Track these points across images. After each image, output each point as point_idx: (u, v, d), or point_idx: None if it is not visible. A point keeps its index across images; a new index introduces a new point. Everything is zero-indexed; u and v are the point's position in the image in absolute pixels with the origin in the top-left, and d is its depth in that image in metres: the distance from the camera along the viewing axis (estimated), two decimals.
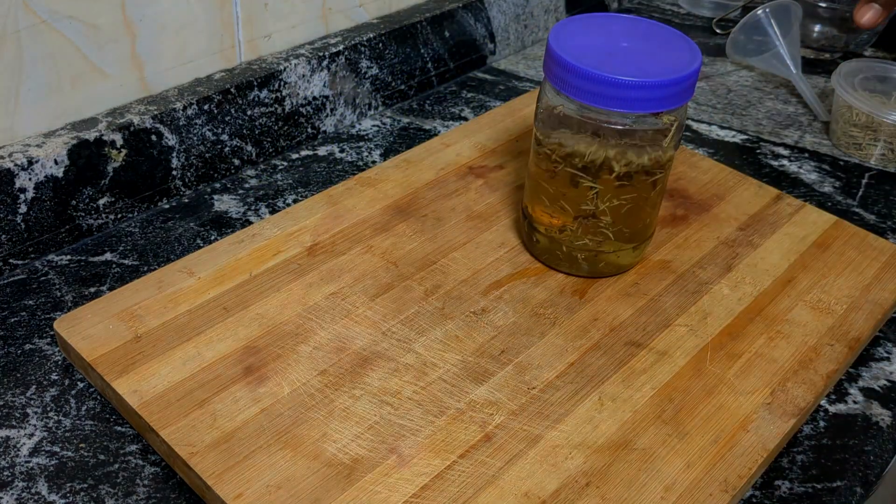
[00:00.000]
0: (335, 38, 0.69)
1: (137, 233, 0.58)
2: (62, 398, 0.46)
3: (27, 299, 0.52)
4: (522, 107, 0.71)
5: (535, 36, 0.87)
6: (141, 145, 0.58)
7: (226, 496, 0.39)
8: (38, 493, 0.41)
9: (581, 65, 0.46)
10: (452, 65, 0.79)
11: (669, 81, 0.46)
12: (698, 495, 0.41)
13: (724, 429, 0.45)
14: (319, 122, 0.69)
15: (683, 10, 0.97)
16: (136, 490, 0.42)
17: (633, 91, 0.45)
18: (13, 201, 0.53)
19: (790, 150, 0.72)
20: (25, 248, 0.54)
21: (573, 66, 0.46)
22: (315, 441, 0.42)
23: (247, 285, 0.51)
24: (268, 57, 0.66)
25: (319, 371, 0.46)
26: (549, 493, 0.41)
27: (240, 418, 0.43)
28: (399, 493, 0.40)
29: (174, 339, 0.47)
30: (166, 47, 0.59)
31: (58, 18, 0.53)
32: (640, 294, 0.52)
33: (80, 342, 0.46)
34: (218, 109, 0.62)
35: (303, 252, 0.54)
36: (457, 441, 0.43)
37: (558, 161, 0.50)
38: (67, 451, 0.44)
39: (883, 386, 0.51)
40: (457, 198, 0.59)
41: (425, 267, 0.53)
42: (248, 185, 0.64)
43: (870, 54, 0.89)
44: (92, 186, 0.56)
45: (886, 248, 0.57)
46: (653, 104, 0.46)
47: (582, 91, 0.46)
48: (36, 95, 0.54)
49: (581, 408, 0.45)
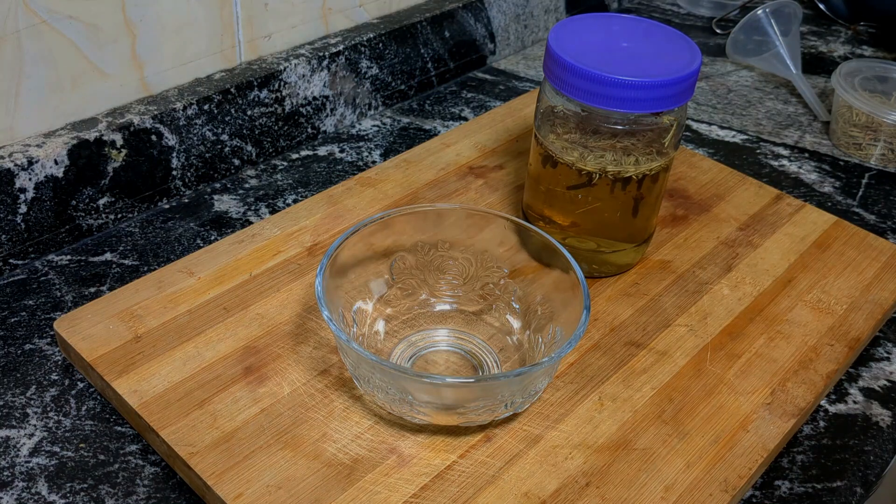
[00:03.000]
0: (335, 38, 0.69)
1: (137, 233, 0.58)
2: (62, 398, 0.46)
3: (27, 299, 0.52)
4: (522, 107, 0.71)
5: (535, 36, 0.87)
6: (141, 145, 0.58)
7: (226, 496, 0.39)
8: (38, 493, 0.41)
9: (581, 65, 0.46)
10: (452, 65, 0.79)
11: (669, 81, 0.46)
12: (698, 495, 0.41)
13: (724, 429, 0.45)
14: (319, 122, 0.69)
15: (683, 10, 0.97)
16: (136, 490, 0.42)
17: (633, 91, 0.45)
18: (13, 201, 0.53)
19: (790, 150, 0.72)
20: (25, 248, 0.54)
21: (573, 65, 0.46)
22: (315, 441, 0.42)
23: (247, 285, 0.51)
24: (268, 57, 0.66)
25: (319, 371, 0.46)
26: (549, 493, 0.41)
27: (240, 418, 0.43)
28: (399, 493, 0.40)
29: (174, 339, 0.47)
30: (166, 47, 0.59)
31: (58, 18, 0.53)
32: (640, 294, 0.52)
33: (80, 342, 0.46)
34: (218, 109, 0.62)
35: (303, 252, 0.54)
36: (457, 441, 0.43)
37: (557, 161, 0.50)
38: (67, 451, 0.44)
39: (883, 386, 0.51)
40: (457, 198, 0.59)
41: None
42: (248, 185, 0.64)
43: (870, 54, 0.89)
44: (92, 186, 0.56)
45: (886, 248, 0.57)
46: (653, 104, 0.46)
47: (582, 91, 0.46)
48: (36, 95, 0.54)
49: (581, 408, 0.45)
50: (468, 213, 0.49)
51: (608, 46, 0.48)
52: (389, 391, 0.41)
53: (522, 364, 0.44)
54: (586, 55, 0.47)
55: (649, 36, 0.50)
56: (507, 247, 0.48)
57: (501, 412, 0.42)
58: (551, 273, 0.47)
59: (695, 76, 0.47)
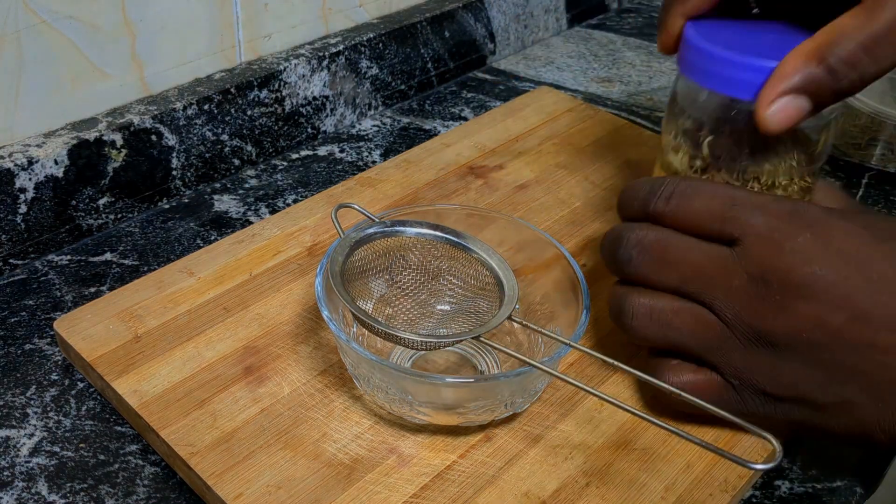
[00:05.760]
0: (335, 38, 0.69)
1: (137, 233, 0.58)
2: (62, 398, 0.46)
3: (27, 299, 0.52)
4: (522, 107, 0.71)
5: (535, 36, 0.87)
6: (141, 145, 0.58)
7: (226, 496, 0.39)
8: (38, 493, 0.41)
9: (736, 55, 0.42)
10: (452, 65, 0.79)
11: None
12: (698, 495, 0.41)
13: (725, 428, 0.44)
14: (319, 122, 0.69)
15: None
16: (136, 490, 0.42)
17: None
18: (13, 201, 0.53)
19: None
20: (25, 248, 0.54)
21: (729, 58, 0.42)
22: (315, 441, 0.42)
23: (247, 285, 0.51)
24: (268, 57, 0.66)
25: (319, 371, 0.46)
26: (549, 493, 0.41)
27: (240, 418, 0.43)
28: (399, 493, 0.40)
29: (174, 339, 0.47)
30: (166, 47, 0.59)
31: (58, 18, 0.53)
32: None
33: (80, 342, 0.46)
34: (218, 109, 0.62)
35: (303, 252, 0.54)
36: (457, 441, 0.43)
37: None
38: (67, 451, 0.44)
39: None
40: (457, 198, 0.59)
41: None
42: (248, 185, 0.64)
43: None
44: (92, 186, 0.56)
45: None
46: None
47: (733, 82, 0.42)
48: (36, 95, 0.54)
49: (581, 408, 0.45)
50: (468, 213, 0.49)
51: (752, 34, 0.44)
52: (389, 391, 0.41)
53: (522, 364, 0.44)
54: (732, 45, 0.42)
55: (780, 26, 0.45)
56: (506, 247, 0.48)
57: (501, 412, 0.42)
58: (551, 273, 0.47)
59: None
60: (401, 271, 0.47)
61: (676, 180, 0.42)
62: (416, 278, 0.47)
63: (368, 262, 0.46)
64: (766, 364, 0.37)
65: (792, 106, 0.40)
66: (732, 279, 0.39)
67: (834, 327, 0.38)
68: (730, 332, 0.40)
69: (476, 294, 0.46)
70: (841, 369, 0.38)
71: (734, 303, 0.39)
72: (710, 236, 0.40)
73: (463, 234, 0.46)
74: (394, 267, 0.47)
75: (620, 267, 0.42)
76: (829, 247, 0.38)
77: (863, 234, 0.39)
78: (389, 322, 0.46)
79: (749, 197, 0.40)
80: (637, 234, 0.42)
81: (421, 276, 0.47)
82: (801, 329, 0.38)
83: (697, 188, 0.41)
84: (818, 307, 0.38)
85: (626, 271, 0.42)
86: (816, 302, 0.38)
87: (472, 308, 0.46)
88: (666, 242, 0.41)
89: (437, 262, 0.47)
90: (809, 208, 0.40)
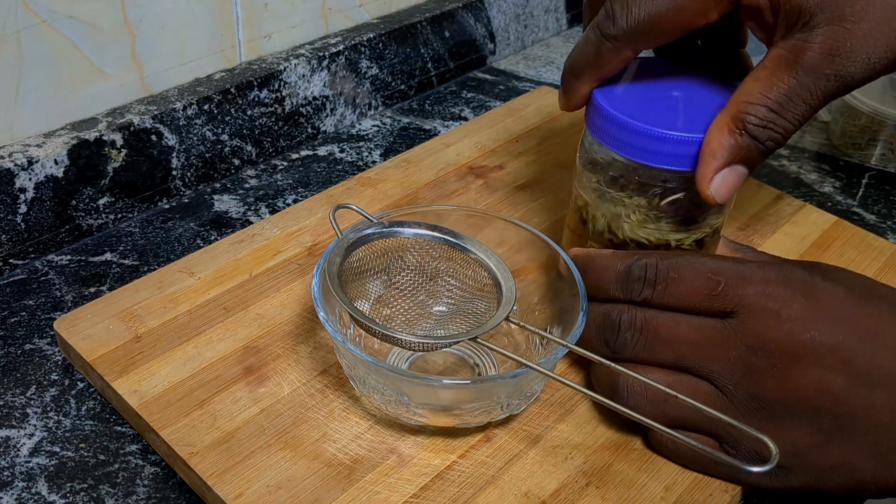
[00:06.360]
0: (335, 38, 0.69)
1: (137, 233, 0.58)
2: (62, 398, 0.46)
3: (27, 299, 0.52)
4: (522, 107, 0.71)
5: (535, 36, 0.87)
6: (141, 145, 0.58)
7: (226, 496, 0.39)
8: (38, 493, 0.42)
9: (633, 120, 0.42)
10: (452, 65, 0.79)
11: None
12: (698, 495, 0.41)
13: None
14: (319, 122, 0.69)
15: None
16: (136, 490, 0.42)
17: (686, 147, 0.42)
18: (13, 201, 0.53)
19: (790, 149, 0.72)
20: (25, 248, 0.54)
21: (624, 121, 0.42)
22: (315, 441, 0.42)
23: (247, 285, 0.51)
24: (268, 57, 0.66)
25: (319, 371, 0.46)
26: (549, 493, 0.41)
27: (240, 418, 0.43)
28: (399, 493, 0.40)
29: (174, 339, 0.47)
30: (166, 47, 0.59)
31: (58, 18, 0.53)
32: None
33: (80, 342, 0.46)
34: (218, 109, 0.62)
35: (303, 252, 0.54)
36: (457, 441, 0.43)
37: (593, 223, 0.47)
38: (67, 451, 0.44)
39: None
40: (457, 198, 0.59)
41: None
42: (248, 185, 0.64)
43: None
44: (92, 186, 0.56)
45: (886, 248, 0.57)
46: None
47: (633, 148, 0.43)
48: (36, 95, 0.54)
49: (581, 408, 0.45)
50: (467, 214, 0.49)
51: (657, 95, 0.45)
52: (385, 392, 0.41)
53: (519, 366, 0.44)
54: (633, 108, 0.43)
55: (698, 83, 0.46)
56: (505, 248, 0.48)
57: (497, 414, 0.42)
58: (550, 274, 0.47)
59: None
60: (399, 272, 0.47)
61: (653, 261, 0.41)
62: (413, 279, 0.47)
63: (366, 262, 0.46)
64: (766, 432, 0.37)
65: (731, 176, 0.41)
66: (730, 351, 0.39)
67: (835, 391, 0.38)
68: (729, 402, 0.40)
69: (474, 295, 0.46)
70: (841, 431, 0.38)
71: (734, 374, 0.39)
72: (701, 312, 0.41)
73: (461, 235, 0.46)
74: (392, 268, 0.47)
75: (615, 352, 0.42)
76: (821, 310, 0.38)
77: (847, 294, 0.39)
78: (387, 323, 0.46)
79: (733, 268, 0.40)
80: (627, 317, 0.42)
81: (419, 276, 0.47)
82: (802, 395, 0.38)
83: (679, 269, 0.41)
84: (819, 372, 0.38)
85: (623, 356, 0.42)
86: (817, 367, 0.38)
87: (469, 309, 0.46)
88: (657, 323, 0.41)
89: (435, 263, 0.47)
90: (794, 271, 0.40)
